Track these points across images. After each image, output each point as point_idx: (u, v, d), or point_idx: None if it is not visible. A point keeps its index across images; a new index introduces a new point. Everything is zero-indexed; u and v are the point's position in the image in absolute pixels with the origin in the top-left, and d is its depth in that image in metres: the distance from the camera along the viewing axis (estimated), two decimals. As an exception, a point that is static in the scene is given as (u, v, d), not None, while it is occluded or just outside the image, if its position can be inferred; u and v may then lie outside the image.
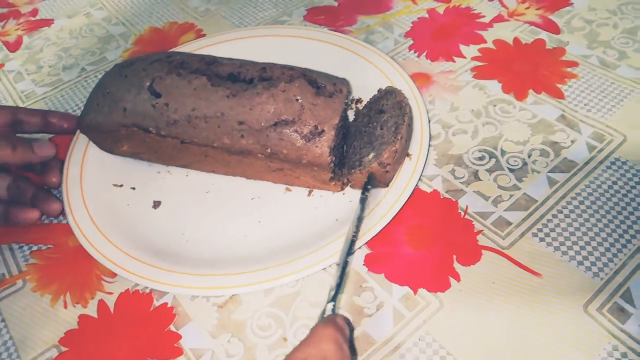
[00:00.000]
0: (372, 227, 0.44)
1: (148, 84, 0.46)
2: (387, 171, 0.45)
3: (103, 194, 0.51)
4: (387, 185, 0.46)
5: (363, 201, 0.44)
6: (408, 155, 0.48)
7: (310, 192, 0.49)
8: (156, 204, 0.50)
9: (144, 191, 0.52)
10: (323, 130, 0.44)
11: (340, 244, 0.42)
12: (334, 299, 0.37)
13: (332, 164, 0.45)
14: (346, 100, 0.47)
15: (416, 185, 0.47)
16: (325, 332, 0.33)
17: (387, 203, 0.45)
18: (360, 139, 0.49)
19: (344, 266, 0.39)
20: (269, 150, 0.45)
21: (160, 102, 0.46)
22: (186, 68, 0.47)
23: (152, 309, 0.44)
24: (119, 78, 0.48)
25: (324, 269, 0.43)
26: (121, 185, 0.52)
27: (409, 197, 0.46)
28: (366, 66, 0.57)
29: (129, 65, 0.49)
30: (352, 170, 0.46)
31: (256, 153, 0.45)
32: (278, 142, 0.44)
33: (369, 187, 0.45)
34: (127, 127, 0.47)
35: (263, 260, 0.44)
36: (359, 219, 0.43)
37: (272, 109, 0.44)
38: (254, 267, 0.43)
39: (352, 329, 0.40)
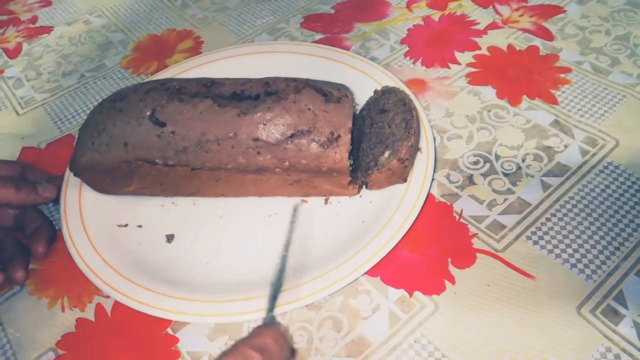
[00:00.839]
0: (403, 222, 0.44)
1: (148, 114, 0.45)
2: (405, 166, 0.46)
3: (111, 238, 0.48)
4: (405, 180, 0.47)
5: (292, 224, 0.45)
6: (419, 149, 0.49)
7: (326, 200, 0.49)
8: (170, 238, 0.48)
9: (153, 227, 0.49)
10: (339, 136, 0.44)
11: (375, 245, 0.43)
12: (270, 310, 0.38)
13: (351, 168, 0.46)
14: (353, 104, 0.47)
15: (433, 177, 0.49)
16: (266, 328, 0.35)
17: (412, 196, 0.46)
18: (368, 140, 0.49)
19: (278, 283, 0.40)
20: (286, 164, 0.44)
21: (165, 131, 0.44)
22: (186, 93, 0.46)
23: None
24: (114, 113, 0.46)
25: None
26: (126, 225, 0.50)
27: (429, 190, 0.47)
28: (359, 76, 0.58)
29: (120, 98, 0.47)
30: (369, 172, 0.47)
31: (273, 168, 0.45)
32: (296, 154, 0.44)
33: (294, 219, 0.47)
34: (130, 162, 0.46)
35: (306, 273, 0.43)
36: (288, 242, 0.43)
37: (286, 121, 0.44)
38: (298, 282, 0.42)
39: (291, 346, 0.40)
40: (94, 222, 0.49)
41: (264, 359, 0.32)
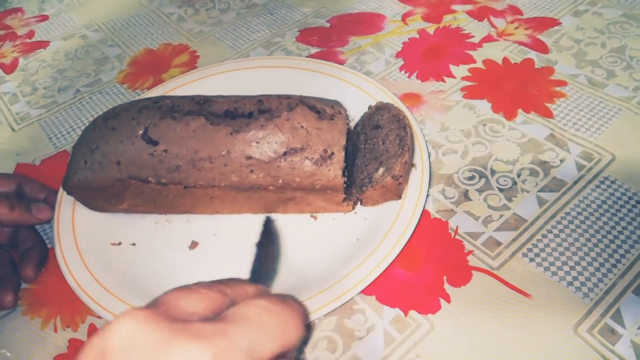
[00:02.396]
0: (398, 240, 0.44)
1: (141, 132, 0.44)
2: (399, 183, 0.45)
3: (104, 256, 0.48)
4: (399, 197, 0.47)
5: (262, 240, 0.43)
6: (413, 165, 0.49)
7: (321, 216, 0.49)
8: (194, 244, 0.49)
9: (147, 245, 0.49)
10: (333, 153, 0.44)
11: (370, 264, 0.43)
12: None
13: (345, 184, 0.46)
14: (347, 121, 0.47)
15: (428, 192, 0.48)
16: None
17: (406, 214, 0.46)
18: (362, 157, 0.49)
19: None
20: (280, 182, 0.44)
21: (158, 150, 0.44)
22: (179, 111, 0.45)
23: (142, 332, 0.44)
24: (106, 131, 0.46)
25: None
26: (120, 243, 0.49)
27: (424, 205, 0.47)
28: (354, 91, 0.58)
29: (113, 117, 0.47)
30: (364, 188, 0.46)
31: (267, 186, 0.45)
32: (290, 172, 0.44)
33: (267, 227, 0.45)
34: (122, 181, 0.45)
35: (300, 292, 0.42)
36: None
37: (279, 139, 0.44)
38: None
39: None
40: (87, 241, 0.49)
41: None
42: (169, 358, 0.22)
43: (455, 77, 0.61)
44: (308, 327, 0.38)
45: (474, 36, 0.66)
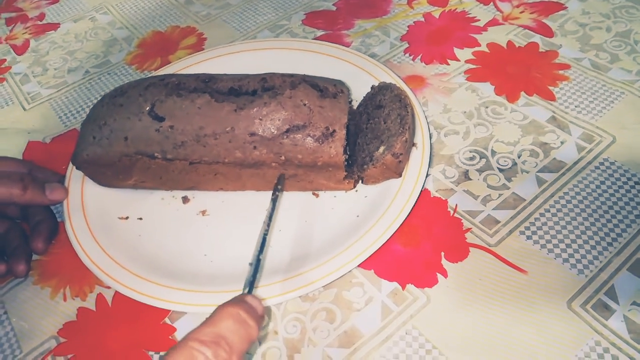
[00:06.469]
0: (397, 216, 0.45)
1: (148, 109, 0.46)
2: (400, 161, 0.46)
3: (112, 230, 0.49)
4: (400, 175, 0.48)
5: (274, 201, 0.45)
6: (414, 144, 0.50)
7: (323, 194, 0.50)
8: (184, 200, 0.51)
9: (153, 220, 0.50)
10: (334, 131, 0.45)
11: (368, 238, 0.44)
12: (249, 291, 0.37)
13: (347, 162, 0.46)
14: (349, 100, 0.48)
15: (428, 172, 0.49)
16: (226, 309, 0.32)
17: (406, 192, 0.47)
18: (364, 136, 0.50)
19: (257, 263, 0.39)
20: (283, 158, 0.45)
21: (164, 126, 0.45)
22: (184, 88, 0.47)
23: (148, 302, 0.45)
24: (114, 107, 0.47)
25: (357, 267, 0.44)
26: (127, 218, 0.51)
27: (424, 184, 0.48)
28: (358, 72, 0.58)
29: (121, 94, 0.48)
30: (365, 167, 0.47)
31: (270, 163, 0.46)
32: (292, 148, 0.45)
33: (279, 187, 0.47)
34: (130, 156, 0.47)
35: (301, 265, 0.44)
36: (270, 218, 0.44)
37: (282, 116, 0.45)
38: (293, 274, 0.43)
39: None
40: (95, 215, 0.50)
41: (218, 353, 0.29)
42: None
43: (459, 60, 0.62)
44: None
45: (479, 20, 0.67)
